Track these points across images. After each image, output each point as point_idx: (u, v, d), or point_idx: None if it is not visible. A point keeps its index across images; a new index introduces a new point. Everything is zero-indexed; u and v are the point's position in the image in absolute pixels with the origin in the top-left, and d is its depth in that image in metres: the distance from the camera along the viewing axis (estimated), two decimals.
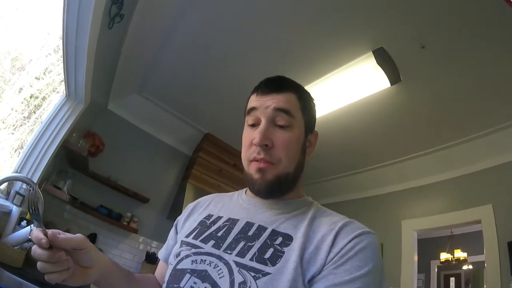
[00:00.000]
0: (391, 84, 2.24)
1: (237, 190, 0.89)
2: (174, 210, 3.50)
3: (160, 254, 0.89)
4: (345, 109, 2.62)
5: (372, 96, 2.41)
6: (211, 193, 0.93)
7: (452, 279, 5.61)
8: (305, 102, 0.78)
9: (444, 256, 4.95)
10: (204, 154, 3.68)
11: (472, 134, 2.56)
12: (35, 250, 0.51)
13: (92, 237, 2.98)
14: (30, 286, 1.40)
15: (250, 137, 0.73)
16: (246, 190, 0.84)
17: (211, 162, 3.69)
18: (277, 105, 0.71)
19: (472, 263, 5.06)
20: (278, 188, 0.72)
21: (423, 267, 5.43)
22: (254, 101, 0.75)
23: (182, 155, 3.91)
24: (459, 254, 4.77)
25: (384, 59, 2.10)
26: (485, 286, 4.47)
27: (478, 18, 1.72)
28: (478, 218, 2.46)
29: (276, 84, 0.76)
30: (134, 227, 3.21)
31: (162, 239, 0.93)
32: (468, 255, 4.76)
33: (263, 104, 0.73)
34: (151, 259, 3.22)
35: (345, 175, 3.74)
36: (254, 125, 0.74)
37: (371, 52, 2.09)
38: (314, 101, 0.83)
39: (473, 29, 1.80)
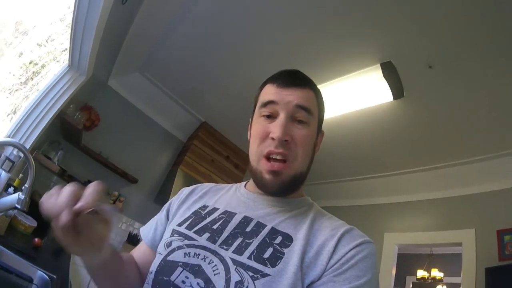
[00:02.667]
0: (394, 98, 2.26)
1: (228, 181, 0.85)
2: (162, 194, 3.49)
3: (145, 236, 0.81)
4: (344, 117, 2.63)
5: (374, 108, 2.43)
6: (201, 182, 0.88)
7: None
8: (320, 100, 0.77)
9: (420, 273, 4.99)
10: (199, 142, 3.66)
11: (465, 158, 2.61)
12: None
13: None
14: (10, 254, 1.37)
15: (265, 129, 0.69)
16: (245, 184, 0.81)
17: (204, 151, 3.67)
18: (299, 102, 0.69)
19: (447, 284, 5.13)
20: (291, 188, 0.71)
21: (399, 281, 5.48)
22: (272, 93, 0.71)
23: (176, 140, 3.88)
24: (436, 273, 4.81)
25: (391, 73, 2.11)
26: None
27: (488, 49, 1.74)
28: (459, 241, 2.51)
29: (296, 78, 0.73)
30: (120, 206, 3.19)
31: (146, 222, 0.88)
32: (444, 275, 4.81)
33: (283, 99, 0.69)
34: (133, 240, 3.20)
35: (336, 181, 3.77)
36: (270, 117, 0.70)
37: (379, 65, 2.11)
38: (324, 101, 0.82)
39: (480, 60, 1.82)
